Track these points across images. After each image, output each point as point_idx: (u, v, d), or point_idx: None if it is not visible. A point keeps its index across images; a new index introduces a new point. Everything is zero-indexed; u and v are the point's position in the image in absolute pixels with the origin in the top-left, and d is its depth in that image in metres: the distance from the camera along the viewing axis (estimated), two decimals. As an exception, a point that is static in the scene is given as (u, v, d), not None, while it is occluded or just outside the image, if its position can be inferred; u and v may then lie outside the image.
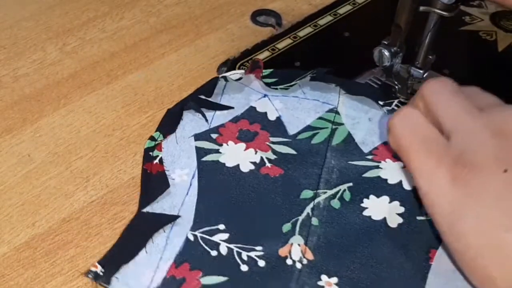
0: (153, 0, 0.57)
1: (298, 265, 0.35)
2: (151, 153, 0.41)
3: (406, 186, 0.39)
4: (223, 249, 0.35)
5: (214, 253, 0.35)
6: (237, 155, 0.41)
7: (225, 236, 0.36)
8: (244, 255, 0.35)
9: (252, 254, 0.35)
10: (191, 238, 0.36)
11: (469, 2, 0.56)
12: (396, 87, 0.45)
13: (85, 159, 0.42)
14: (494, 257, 0.29)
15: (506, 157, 0.31)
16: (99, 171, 0.41)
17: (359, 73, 0.48)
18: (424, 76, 0.44)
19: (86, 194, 0.39)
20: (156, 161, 0.40)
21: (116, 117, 0.45)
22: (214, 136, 0.42)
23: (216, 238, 0.36)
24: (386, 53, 0.43)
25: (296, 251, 0.35)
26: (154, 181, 0.39)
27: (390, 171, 0.40)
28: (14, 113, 0.45)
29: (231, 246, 0.36)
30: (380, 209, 0.38)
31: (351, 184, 0.39)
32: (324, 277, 0.34)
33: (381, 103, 0.44)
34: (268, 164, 0.40)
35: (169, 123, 0.43)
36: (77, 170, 0.41)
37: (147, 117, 0.45)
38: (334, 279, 0.34)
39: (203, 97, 0.45)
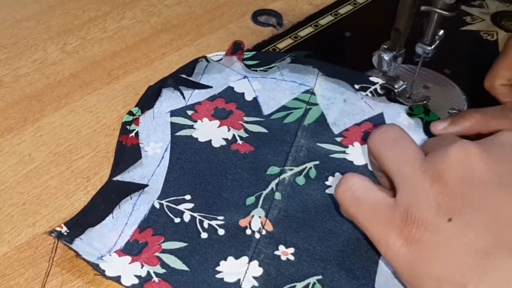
0: (154, 0, 0.57)
1: (257, 235, 0.36)
2: (128, 126, 0.42)
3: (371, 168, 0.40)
4: (187, 217, 0.37)
5: (177, 220, 0.37)
6: (210, 132, 0.42)
7: (190, 205, 0.38)
8: (206, 223, 0.37)
9: (213, 222, 0.37)
10: (157, 206, 0.37)
11: (470, 2, 0.56)
12: (396, 90, 0.45)
13: (86, 159, 0.42)
14: None
15: (448, 204, 0.30)
16: (100, 170, 0.41)
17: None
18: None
19: (87, 194, 0.39)
20: (132, 134, 0.42)
21: (117, 117, 0.45)
22: (189, 112, 0.44)
23: (181, 207, 0.38)
24: (386, 57, 0.43)
25: (256, 222, 0.37)
26: (127, 153, 0.40)
27: (356, 155, 0.41)
28: (15, 112, 0.45)
29: (195, 214, 0.37)
30: None
31: (317, 162, 0.41)
32: (281, 247, 0.36)
33: (356, 87, 0.45)
34: (239, 141, 0.42)
35: (148, 99, 0.45)
36: (78, 169, 0.41)
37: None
38: (291, 249, 0.36)
39: (184, 76, 0.46)
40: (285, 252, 0.35)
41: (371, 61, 0.44)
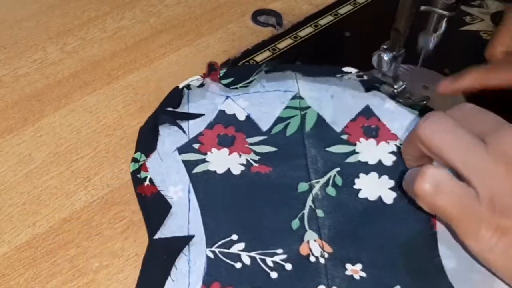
0: (153, 0, 0.57)
1: (322, 260, 0.35)
2: (138, 175, 0.40)
3: (386, 162, 0.41)
4: (246, 259, 0.36)
5: (238, 265, 0.35)
6: (224, 161, 0.41)
7: (242, 245, 0.36)
8: (269, 261, 0.35)
9: (276, 258, 0.36)
10: (211, 255, 0.36)
11: (470, 2, 0.56)
12: (396, 91, 0.45)
13: (86, 159, 0.42)
14: None
15: None
16: (100, 170, 0.41)
17: (360, 73, 0.48)
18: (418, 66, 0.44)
19: (87, 194, 0.39)
20: (147, 182, 0.39)
21: (117, 117, 0.45)
22: (196, 146, 0.42)
23: (234, 249, 0.36)
24: (385, 57, 0.43)
25: (315, 247, 0.36)
26: (152, 204, 0.38)
27: (367, 153, 0.41)
28: (15, 113, 0.45)
29: (252, 254, 0.36)
30: (373, 187, 0.39)
31: (338, 168, 0.40)
32: (348, 266, 0.35)
33: (338, 75, 0.45)
34: (255, 164, 0.41)
35: (147, 141, 0.42)
36: (78, 170, 0.41)
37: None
38: (359, 266, 0.35)
39: (170, 109, 0.44)
40: (354, 270, 0.35)
41: (371, 61, 0.44)
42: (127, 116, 0.45)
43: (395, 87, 0.45)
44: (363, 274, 0.35)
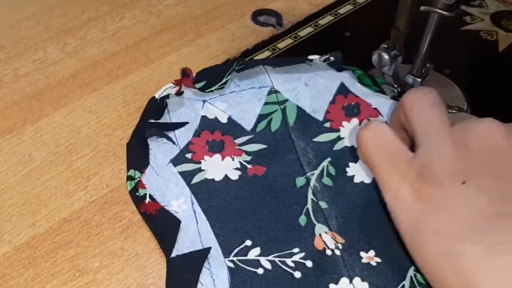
0: (153, 0, 0.57)
1: (337, 252, 0.36)
2: (137, 193, 0.39)
3: None
4: (266, 264, 0.35)
5: (260, 271, 0.35)
6: (219, 167, 0.40)
7: (257, 250, 0.36)
8: (289, 261, 0.35)
9: (296, 258, 0.36)
10: (231, 265, 0.35)
11: (470, 2, 0.56)
12: (396, 90, 0.45)
13: (85, 159, 0.42)
14: (450, 268, 0.30)
15: (465, 169, 0.31)
16: (100, 170, 0.41)
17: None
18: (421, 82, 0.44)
19: (86, 194, 0.39)
20: (147, 199, 0.38)
21: (117, 117, 0.45)
22: (188, 155, 0.41)
23: (252, 255, 0.36)
24: (386, 56, 0.43)
25: (328, 239, 0.36)
26: (160, 222, 0.37)
27: (352, 138, 0.42)
28: (15, 112, 0.45)
29: (270, 258, 0.36)
30: (365, 172, 0.40)
31: (329, 158, 0.41)
32: (363, 254, 0.35)
33: (308, 62, 0.44)
34: (249, 166, 0.40)
35: (138, 157, 0.41)
36: (78, 169, 0.41)
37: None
38: (372, 252, 0.36)
39: (153, 121, 0.42)
40: (369, 257, 0.35)
41: (371, 61, 0.44)
42: (127, 116, 0.45)
43: (395, 85, 0.45)
44: (378, 260, 0.35)
